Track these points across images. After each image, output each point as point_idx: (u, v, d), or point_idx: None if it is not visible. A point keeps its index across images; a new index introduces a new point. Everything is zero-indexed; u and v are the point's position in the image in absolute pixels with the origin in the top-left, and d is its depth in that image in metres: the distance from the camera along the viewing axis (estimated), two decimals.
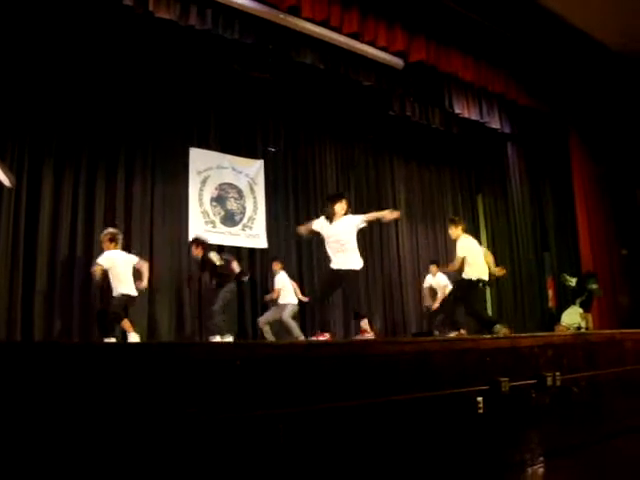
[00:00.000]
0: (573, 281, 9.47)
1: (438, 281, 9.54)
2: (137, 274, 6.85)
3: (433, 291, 9.64)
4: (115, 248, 6.68)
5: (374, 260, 10.40)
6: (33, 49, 7.09)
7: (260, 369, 3.16)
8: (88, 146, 7.68)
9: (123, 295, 6.62)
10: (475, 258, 6.83)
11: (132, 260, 6.82)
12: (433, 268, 9.71)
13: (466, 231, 7.10)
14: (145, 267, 6.95)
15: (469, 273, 6.78)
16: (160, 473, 2.69)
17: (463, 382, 4.18)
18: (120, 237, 6.80)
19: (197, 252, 7.48)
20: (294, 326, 8.08)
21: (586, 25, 9.07)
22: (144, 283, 6.89)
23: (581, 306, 9.15)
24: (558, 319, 9.54)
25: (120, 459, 2.59)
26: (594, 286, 9.21)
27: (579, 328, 8.82)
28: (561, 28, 8.98)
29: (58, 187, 7.39)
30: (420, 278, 10.96)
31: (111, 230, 6.85)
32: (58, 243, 7.29)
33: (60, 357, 2.64)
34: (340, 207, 5.91)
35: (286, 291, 8.28)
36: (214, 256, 7.37)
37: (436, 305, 9.31)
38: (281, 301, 8.26)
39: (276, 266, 8.46)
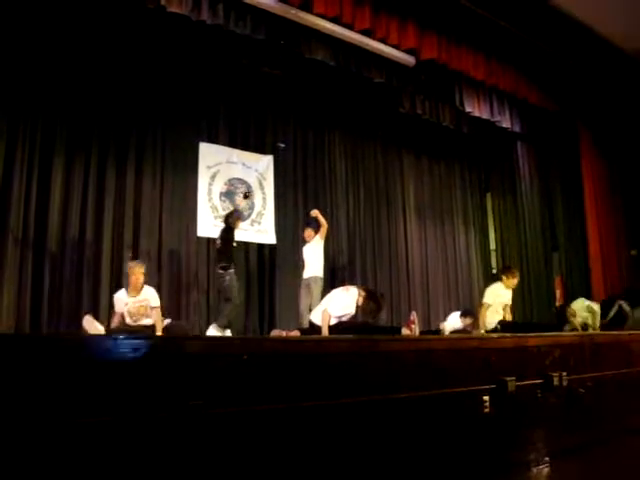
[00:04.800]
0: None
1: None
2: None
3: None
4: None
5: (382, 256, 10.41)
6: (47, 42, 7.14)
7: (267, 364, 3.17)
8: (98, 139, 7.71)
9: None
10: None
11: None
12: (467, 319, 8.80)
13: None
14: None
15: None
16: (165, 464, 2.71)
17: (469, 381, 4.17)
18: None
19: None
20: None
21: (596, 24, 9.04)
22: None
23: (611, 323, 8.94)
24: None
25: (126, 448, 2.61)
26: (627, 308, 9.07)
27: (585, 327, 8.70)
28: (572, 27, 8.94)
29: (68, 182, 7.42)
30: (428, 274, 10.99)
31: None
32: (67, 236, 7.32)
33: (66, 349, 2.66)
34: None
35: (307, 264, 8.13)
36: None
37: None
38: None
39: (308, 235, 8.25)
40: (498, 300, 7.10)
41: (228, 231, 7.42)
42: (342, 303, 5.87)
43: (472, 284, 11.48)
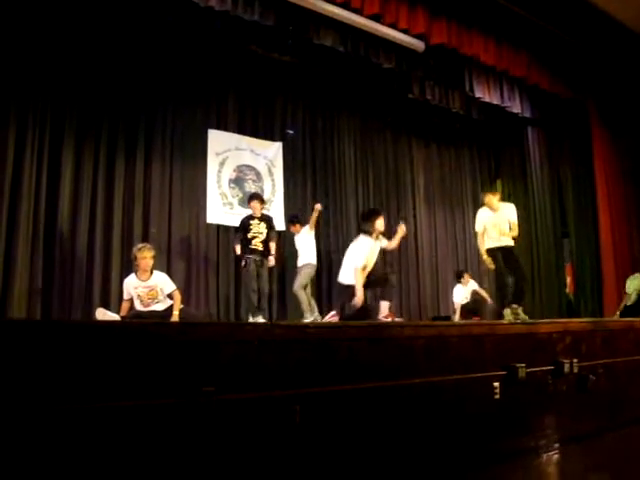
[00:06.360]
0: None
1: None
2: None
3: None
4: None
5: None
6: (56, 30, 7.14)
7: (277, 349, 3.17)
8: (107, 127, 7.72)
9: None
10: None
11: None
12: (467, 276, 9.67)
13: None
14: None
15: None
16: (177, 450, 2.73)
17: (480, 367, 4.17)
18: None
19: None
20: (303, 299, 7.88)
21: (609, 6, 8.90)
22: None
23: None
24: (577, 306, 9.45)
25: (137, 433, 2.62)
26: None
27: None
28: (584, 10, 8.81)
29: (77, 168, 7.44)
30: (437, 261, 10.96)
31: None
32: (77, 224, 7.35)
33: (79, 336, 2.67)
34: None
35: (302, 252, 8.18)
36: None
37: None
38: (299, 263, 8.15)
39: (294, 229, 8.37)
40: (488, 225, 6.83)
41: (247, 217, 7.40)
42: (359, 252, 6.24)
43: (482, 271, 11.43)
